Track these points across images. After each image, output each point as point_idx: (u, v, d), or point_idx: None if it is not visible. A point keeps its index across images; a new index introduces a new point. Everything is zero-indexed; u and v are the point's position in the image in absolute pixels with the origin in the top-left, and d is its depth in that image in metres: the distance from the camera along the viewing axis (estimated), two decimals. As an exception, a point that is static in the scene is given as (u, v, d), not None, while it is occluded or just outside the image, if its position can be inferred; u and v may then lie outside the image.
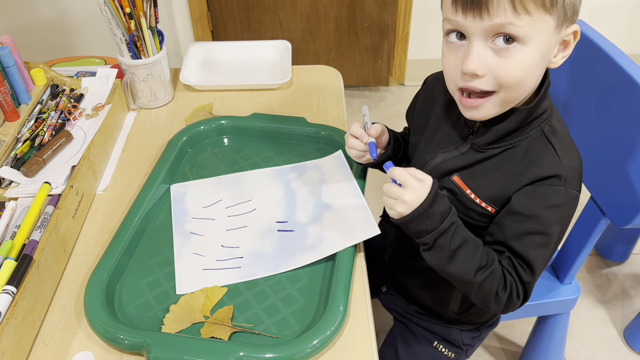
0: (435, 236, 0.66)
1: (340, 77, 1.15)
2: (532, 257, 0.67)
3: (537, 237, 0.67)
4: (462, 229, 0.68)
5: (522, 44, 0.60)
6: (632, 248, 1.57)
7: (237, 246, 0.78)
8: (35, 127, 0.89)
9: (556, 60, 0.65)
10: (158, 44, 1.01)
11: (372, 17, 2.06)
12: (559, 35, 0.62)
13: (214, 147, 0.97)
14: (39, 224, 0.74)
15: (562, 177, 0.65)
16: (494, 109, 0.65)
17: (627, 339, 1.37)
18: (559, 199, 0.66)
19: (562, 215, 0.67)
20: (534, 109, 0.67)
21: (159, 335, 0.65)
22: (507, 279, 0.68)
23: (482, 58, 0.61)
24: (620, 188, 0.87)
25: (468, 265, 0.67)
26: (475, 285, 0.68)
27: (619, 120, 0.87)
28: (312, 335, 0.64)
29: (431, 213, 0.66)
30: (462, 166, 0.72)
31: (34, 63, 0.99)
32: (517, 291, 0.69)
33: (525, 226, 0.67)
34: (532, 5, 0.57)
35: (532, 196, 0.66)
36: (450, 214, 0.67)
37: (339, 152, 0.91)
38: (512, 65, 0.61)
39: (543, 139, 0.68)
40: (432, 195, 0.66)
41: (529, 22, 0.58)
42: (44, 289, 0.70)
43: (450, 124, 0.75)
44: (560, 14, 0.60)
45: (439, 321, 0.88)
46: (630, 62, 0.85)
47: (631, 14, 2.14)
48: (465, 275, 0.68)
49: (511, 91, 0.63)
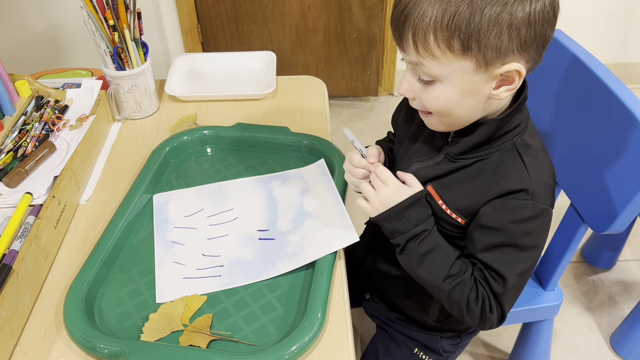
0: (406, 239, 0.69)
1: (324, 87, 1.16)
2: (503, 269, 0.67)
3: (506, 249, 0.67)
4: (434, 237, 0.70)
5: (438, 81, 0.63)
6: (619, 255, 1.58)
7: (218, 255, 0.79)
8: (19, 138, 0.90)
9: (498, 94, 0.63)
10: (142, 55, 1.02)
11: (361, 29, 2.08)
12: (486, 74, 0.61)
13: (197, 157, 0.98)
14: (20, 233, 0.74)
15: (529, 192, 0.66)
16: (441, 126, 0.69)
17: (614, 346, 1.38)
18: (527, 212, 0.66)
19: (532, 229, 0.67)
20: (504, 122, 0.67)
21: (137, 344, 0.65)
22: (480, 291, 0.69)
23: (411, 84, 0.66)
24: (598, 195, 0.88)
25: (436, 271, 0.69)
26: (445, 293, 0.69)
27: (596, 128, 0.88)
28: (290, 342, 0.65)
29: (405, 215, 0.68)
30: (436, 176, 0.73)
31: (19, 75, 1.00)
32: (490, 304, 0.69)
33: (494, 239, 0.67)
34: (437, 51, 0.60)
35: (500, 210, 0.67)
36: (426, 222, 0.69)
37: (321, 161, 0.92)
38: (431, 98, 0.65)
39: (514, 153, 0.68)
40: (411, 200, 0.68)
41: (437, 65, 0.61)
42: (24, 299, 0.70)
43: (427, 135, 0.76)
44: (478, 58, 0.59)
45: (419, 328, 0.89)
46: (606, 72, 0.86)
47: (612, 23, 2.17)
48: (433, 281, 0.69)
49: (442, 117, 0.67)
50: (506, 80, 0.62)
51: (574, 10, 2.07)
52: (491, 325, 0.71)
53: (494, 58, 0.59)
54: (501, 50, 0.59)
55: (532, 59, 0.62)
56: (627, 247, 1.63)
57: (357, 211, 0.80)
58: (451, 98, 0.64)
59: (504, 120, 0.67)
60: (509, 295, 0.69)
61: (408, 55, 0.63)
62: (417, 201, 0.69)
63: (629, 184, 0.82)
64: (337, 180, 0.87)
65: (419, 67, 0.63)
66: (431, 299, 0.82)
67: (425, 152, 0.75)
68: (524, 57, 0.61)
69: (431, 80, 0.63)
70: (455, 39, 0.58)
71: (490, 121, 0.67)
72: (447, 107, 0.65)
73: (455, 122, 0.68)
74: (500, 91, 0.63)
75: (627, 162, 0.82)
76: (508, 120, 0.67)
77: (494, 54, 0.59)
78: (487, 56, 0.59)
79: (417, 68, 0.63)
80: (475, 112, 0.66)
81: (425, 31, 0.59)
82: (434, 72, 0.62)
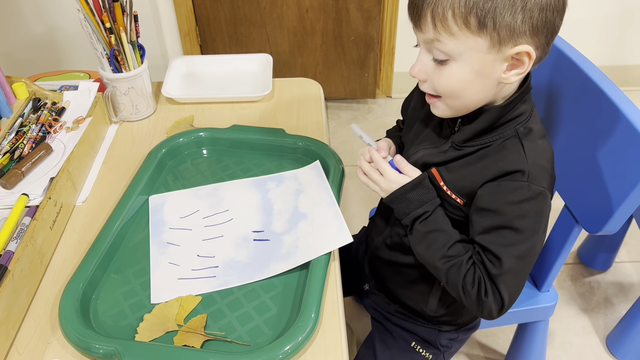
0: (411, 219, 0.74)
1: (320, 89, 1.16)
2: (499, 251, 0.67)
3: (502, 231, 0.67)
4: (436, 219, 0.73)
5: (452, 59, 0.65)
6: (615, 256, 1.58)
7: (213, 255, 0.79)
8: (16, 140, 0.91)
9: (508, 77, 0.65)
10: (139, 57, 1.02)
11: (358, 31, 2.09)
12: (498, 54, 0.63)
13: (193, 159, 0.98)
14: (16, 235, 0.75)
15: (525, 173, 0.67)
16: (447, 110, 0.71)
17: (610, 347, 1.38)
18: (522, 194, 0.67)
19: (528, 211, 0.67)
20: (506, 109, 0.69)
21: (132, 344, 0.66)
22: (476, 274, 0.69)
23: (424, 65, 0.68)
24: (591, 196, 0.88)
25: (434, 251, 0.72)
26: (442, 273, 0.72)
27: (588, 129, 0.89)
28: (283, 342, 0.65)
29: (408, 198, 0.73)
30: (441, 161, 0.75)
31: (16, 77, 1.01)
32: (485, 287, 0.69)
33: (490, 221, 0.68)
34: (455, 27, 0.62)
35: (496, 191, 0.68)
36: (428, 203, 0.72)
37: (316, 162, 0.93)
38: (443, 77, 0.67)
39: (515, 139, 0.70)
40: (413, 183, 0.73)
41: (454, 41, 0.63)
42: (19, 299, 0.71)
43: (436, 124, 0.79)
44: (492, 36, 0.62)
45: (418, 320, 0.89)
46: (598, 73, 0.87)
47: (608, 26, 2.18)
48: (430, 259, 0.73)
49: (450, 100, 0.69)
50: (517, 64, 0.65)
51: (570, 12, 2.07)
52: (490, 311, 0.70)
53: (507, 37, 0.62)
54: (515, 30, 0.61)
55: (541, 46, 0.65)
56: (623, 249, 1.64)
57: (355, 213, 0.81)
58: (464, 78, 0.66)
59: (506, 107, 0.69)
60: (505, 278, 0.68)
61: (424, 34, 0.65)
62: (418, 184, 0.73)
63: (621, 184, 0.82)
64: (332, 181, 0.88)
65: (435, 44, 0.65)
66: (430, 289, 0.83)
67: (433, 141, 0.77)
68: (534, 41, 0.63)
69: (445, 60, 0.65)
70: (472, 15, 0.61)
71: (494, 108, 0.69)
72: (458, 88, 0.67)
73: (463, 105, 0.69)
74: (510, 74, 0.65)
75: (620, 163, 0.82)
76: (511, 108, 0.69)
77: (507, 32, 0.61)
78: (501, 34, 0.62)
79: (432, 46, 0.66)
80: (484, 96, 0.68)
81: (445, 7, 0.62)
82: (449, 49, 0.64)
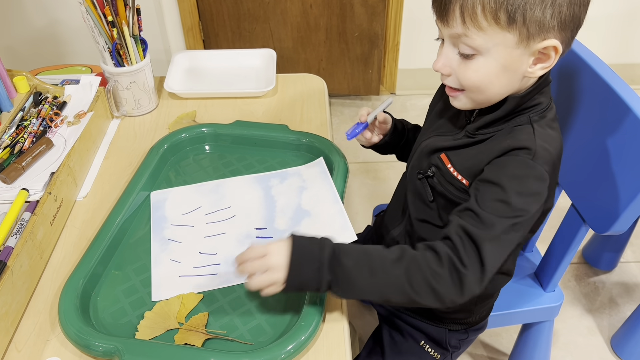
0: (329, 265, 0.64)
1: (324, 85, 1.15)
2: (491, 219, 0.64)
3: (499, 203, 0.65)
4: (350, 245, 0.66)
5: (480, 54, 0.65)
6: (620, 256, 1.57)
7: (215, 253, 0.78)
8: (16, 134, 0.90)
9: (534, 71, 0.65)
10: (141, 52, 1.01)
11: (362, 27, 2.08)
12: (526, 49, 0.63)
13: (195, 155, 0.97)
14: (15, 230, 0.74)
15: (531, 151, 0.66)
16: (468, 103, 0.71)
17: (614, 348, 1.37)
18: (523, 169, 0.65)
19: (529, 188, 0.65)
20: (524, 99, 0.68)
21: (132, 342, 0.65)
22: (441, 252, 0.64)
23: (449, 60, 0.68)
24: (599, 196, 0.87)
25: (380, 267, 0.64)
26: (403, 281, 0.64)
27: (598, 128, 0.87)
28: (285, 341, 0.64)
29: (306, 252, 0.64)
30: (451, 146, 0.74)
31: (17, 71, 1.00)
32: (461, 259, 0.63)
33: (488, 191, 0.66)
34: (484, 22, 0.62)
35: (499, 165, 0.67)
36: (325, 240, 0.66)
37: (320, 159, 0.92)
38: (469, 72, 0.66)
39: (527, 124, 0.69)
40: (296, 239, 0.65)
41: (482, 36, 0.63)
42: (19, 295, 0.70)
43: (452, 114, 0.78)
44: (522, 31, 0.61)
45: (427, 319, 0.88)
46: (608, 71, 0.85)
47: (615, 24, 2.16)
48: (384, 278, 0.64)
49: (474, 94, 0.68)
50: (543, 58, 0.65)
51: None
52: (469, 286, 0.63)
53: (535, 32, 0.62)
54: (544, 25, 0.61)
55: (566, 41, 0.64)
56: (628, 249, 1.62)
57: (358, 210, 0.80)
58: (490, 72, 0.65)
59: (524, 97, 0.68)
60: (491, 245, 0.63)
61: (451, 28, 0.64)
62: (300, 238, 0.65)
63: (630, 184, 0.81)
64: (335, 178, 0.87)
65: (462, 39, 0.64)
66: None
67: (448, 129, 0.77)
68: (561, 36, 0.63)
69: (472, 54, 0.65)
70: (502, 10, 0.60)
71: (512, 98, 0.69)
72: (484, 82, 0.66)
73: (486, 99, 0.69)
74: (536, 68, 0.65)
75: (629, 163, 0.81)
76: (528, 98, 0.69)
77: (536, 27, 0.61)
78: (530, 29, 0.61)
79: (459, 40, 0.65)
80: (507, 91, 0.68)
81: (474, 2, 0.61)
82: (477, 44, 0.63)
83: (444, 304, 0.65)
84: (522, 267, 1.10)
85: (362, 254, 0.65)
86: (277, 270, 0.64)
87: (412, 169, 0.81)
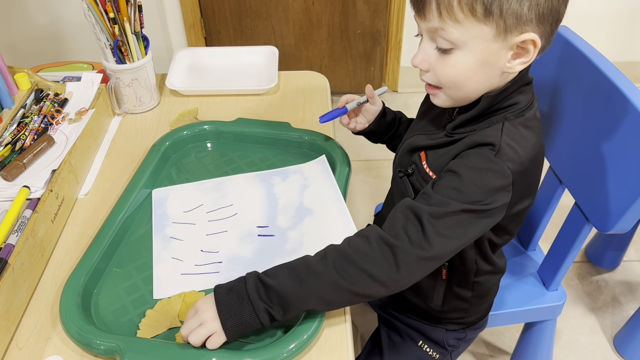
0: (258, 294, 0.62)
1: (327, 83, 1.15)
2: (439, 199, 0.64)
3: (450, 190, 0.64)
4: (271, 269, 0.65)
5: (457, 48, 0.64)
6: (623, 255, 1.56)
7: (217, 251, 0.78)
8: (18, 132, 0.89)
9: (512, 66, 0.65)
10: (143, 49, 1.01)
11: (365, 24, 2.07)
12: (504, 42, 0.62)
13: (197, 152, 0.97)
14: (16, 227, 0.73)
15: (495, 147, 0.65)
16: (447, 101, 0.70)
17: (617, 347, 1.37)
18: (485, 163, 0.64)
19: (484, 182, 0.64)
20: (498, 98, 0.68)
21: (134, 340, 0.65)
22: (368, 232, 0.64)
23: (427, 55, 0.67)
24: (603, 194, 0.86)
25: (307, 272, 0.63)
26: (334, 274, 0.62)
27: (601, 125, 0.87)
28: (287, 340, 0.64)
29: (230, 292, 0.63)
30: (431, 145, 0.74)
31: (19, 67, 1.00)
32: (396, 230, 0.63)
33: (444, 180, 0.66)
34: (460, 14, 0.61)
35: (462, 157, 0.67)
36: (246, 276, 0.65)
37: (322, 157, 0.91)
38: (447, 67, 0.66)
39: (499, 123, 0.68)
40: (216, 288, 0.64)
41: (459, 29, 0.62)
42: (20, 293, 0.69)
43: (435, 114, 0.78)
44: (498, 23, 0.61)
45: (424, 320, 0.88)
46: (612, 68, 0.85)
47: (618, 21, 2.15)
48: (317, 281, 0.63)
49: (451, 90, 0.68)
50: (521, 53, 0.64)
51: (580, 7, 2.05)
52: (406, 258, 0.61)
53: (513, 25, 0.61)
54: (521, 17, 0.60)
55: (546, 35, 0.64)
56: (631, 247, 1.62)
57: (360, 208, 0.79)
58: (468, 67, 0.65)
59: (497, 96, 0.68)
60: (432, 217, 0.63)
61: (428, 22, 0.64)
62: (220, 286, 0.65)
63: (634, 183, 0.80)
64: (338, 177, 0.86)
65: (439, 33, 0.63)
66: (434, 283, 0.81)
67: (431, 129, 0.77)
68: (540, 29, 0.62)
69: (449, 49, 0.64)
70: (479, 3, 0.60)
71: (485, 97, 0.68)
72: (462, 77, 0.66)
73: (464, 95, 0.69)
74: (515, 63, 0.64)
75: (633, 161, 0.80)
76: (503, 97, 0.68)
77: (514, 20, 0.60)
78: (507, 22, 0.61)
79: (436, 35, 0.64)
80: (485, 86, 0.67)
81: None
82: (454, 38, 0.63)
83: (385, 286, 0.62)
84: (524, 265, 1.09)
85: (287, 269, 0.64)
86: (211, 320, 0.62)
87: (396, 167, 0.81)
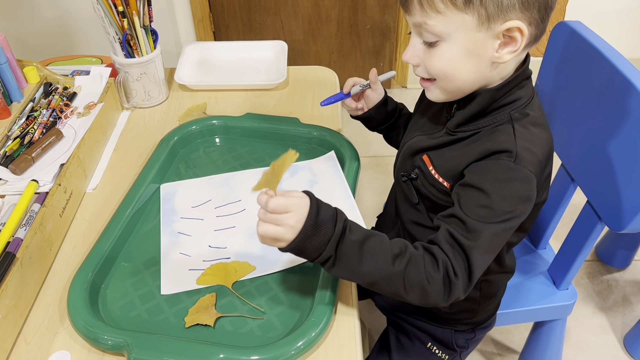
0: (336, 242, 0.62)
1: (336, 78, 1.14)
2: (477, 225, 0.63)
3: (484, 209, 0.64)
4: (357, 225, 0.64)
5: (442, 40, 0.64)
6: (634, 254, 1.54)
7: (225, 247, 0.78)
8: (26, 125, 0.89)
9: (501, 55, 0.63)
10: (152, 43, 1.00)
11: (374, 19, 2.06)
12: (488, 31, 0.61)
13: (206, 147, 0.96)
14: (25, 221, 0.73)
15: (512, 154, 0.64)
16: (441, 94, 0.70)
17: (627, 347, 1.35)
18: (507, 173, 0.64)
19: (512, 192, 0.63)
20: (499, 93, 0.67)
21: (140, 336, 0.64)
22: (439, 257, 0.63)
23: (416, 50, 0.68)
24: (616, 193, 0.85)
25: (381, 257, 0.63)
26: (399, 277, 0.63)
27: (615, 122, 0.85)
28: (296, 337, 0.63)
29: (320, 221, 0.62)
30: (433, 146, 0.73)
31: (28, 61, 0.99)
32: (454, 267, 0.63)
33: (471, 198, 0.65)
34: (441, 5, 0.61)
35: (481, 169, 0.65)
36: (338, 214, 0.63)
37: (331, 152, 0.91)
38: (434, 59, 0.66)
39: (508, 124, 0.67)
40: (314, 204, 0.62)
41: (442, 20, 0.62)
42: (28, 287, 0.69)
43: (434, 112, 0.78)
44: (480, 12, 0.60)
45: (432, 321, 0.87)
46: (627, 64, 0.83)
47: (631, 17, 2.12)
48: (383, 268, 0.62)
49: (443, 82, 0.68)
50: (509, 42, 0.63)
51: (593, 3, 2.02)
52: (456, 293, 0.63)
53: (495, 13, 0.60)
54: (502, 4, 0.60)
55: (534, 22, 0.62)
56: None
57: (368, 205, 0.78)
58: (454, 57, 0.65)
59: (499, 90, 0.67)
60: (478, 253, 0.63)
61: (413, 17, 0.64)
62: (318, 202, 0.63)
63: (649, 181, 0.79)
64: (347, 172, 0.85)
65: (424, 27, 0.64)
66: None
67: (430, 128, 0.76)
68: (526, 16, 0.61)
69: (435, 41, 0.65)
70: None
71: (486, 91, 0.67)
72: (450, 68, 0.66)
73: (456, 88, 0.68)
74: (503, 53, 0.63)
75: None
76: (505, 92, 0.67)
77: (495, 7, 0.60)
78: (489, 10, 0.60)
79: (422, 29, 0.65)
80: (477, 78, 0.66)
81: None
82: (437, 30, 0.63)
83: (427, 304, 0.65)
84: (535, 264, 1.08)
85: (367, 241, 0.63)
86: (290, 232, 0.61)
87: (398, 171, 0.80)
